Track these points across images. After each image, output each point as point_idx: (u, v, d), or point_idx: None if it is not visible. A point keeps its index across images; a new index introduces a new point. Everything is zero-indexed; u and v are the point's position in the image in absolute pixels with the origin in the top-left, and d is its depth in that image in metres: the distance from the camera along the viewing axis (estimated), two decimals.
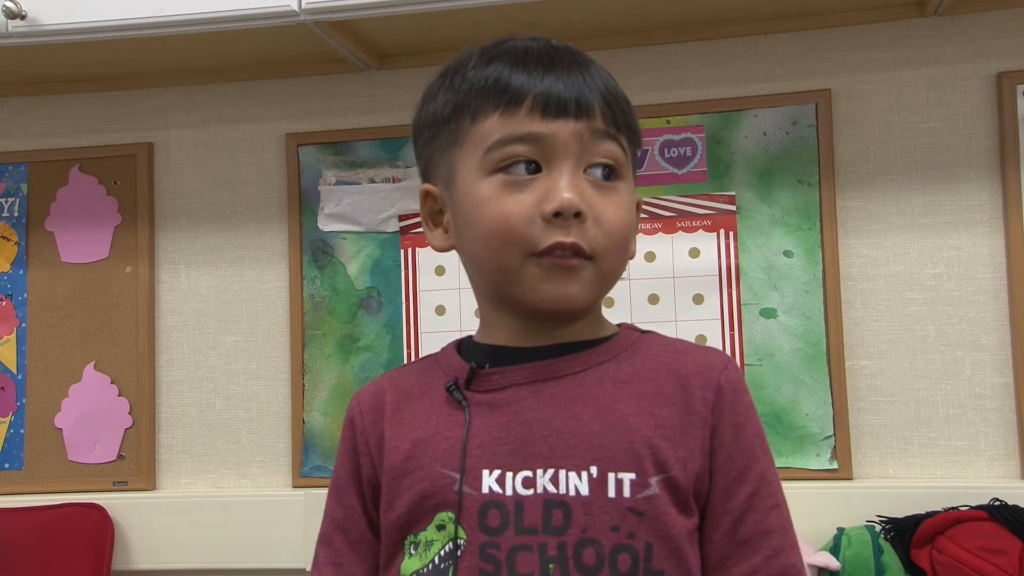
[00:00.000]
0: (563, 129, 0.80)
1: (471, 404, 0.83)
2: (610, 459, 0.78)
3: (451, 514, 0.79)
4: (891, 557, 1.40)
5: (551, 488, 0.78)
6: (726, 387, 0.82)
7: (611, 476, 0.78)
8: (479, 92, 0.82)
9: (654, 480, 0.78)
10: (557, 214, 0.78)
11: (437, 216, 0.87)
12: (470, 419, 0.82)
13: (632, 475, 0.78)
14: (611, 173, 0.82)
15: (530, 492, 0.78)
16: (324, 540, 0.89)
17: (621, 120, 0.83)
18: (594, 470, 0.78)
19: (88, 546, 1.66)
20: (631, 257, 0.86)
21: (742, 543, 0.80)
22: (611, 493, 0.77)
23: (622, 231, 0.82)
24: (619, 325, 0.89)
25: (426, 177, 0.89)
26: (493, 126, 0.81)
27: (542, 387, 0.82)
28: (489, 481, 0.79)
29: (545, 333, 0.84)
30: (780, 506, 0.82)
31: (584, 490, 0.78)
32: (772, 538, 0.80)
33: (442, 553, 0.79)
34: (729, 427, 0.81)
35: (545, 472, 0.79)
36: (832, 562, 1.39)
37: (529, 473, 0.79)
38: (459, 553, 0.78)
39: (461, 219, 0.83)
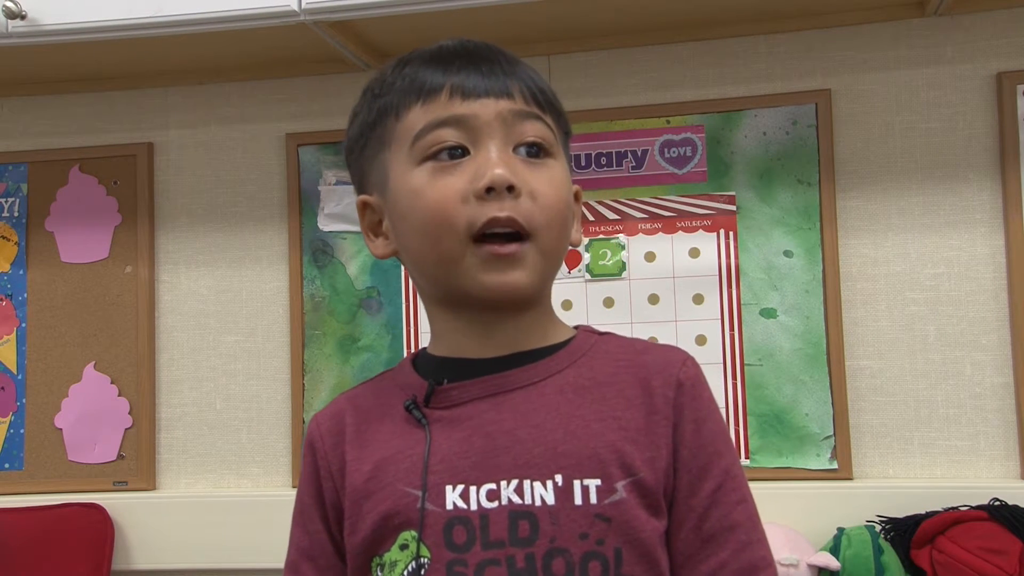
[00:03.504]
0: (485, 109, 0.79)
1: (431, 421, 0.81)
2: (575, 466, 0.77)
3: (414, 532, 0.77)
4: (891, 557, 1.40)
5: (516, 499, 0.76)
6: (685, 383, 0.81)
7: (576, 483, 0.76)
8: (399, 92, 0.82)
9: (620, 485, 0.76)
10: (490, 189, 0.77)
11: (376, 227, 0.86)
12: (430, 436, 0.80)
13: (597, 481, 0.76)
14: (540, 151, 0.81)
15: (495, 504, 0.76)
16: (291, 568, 0.88)
17: (544, 101, 0.83)
18: (559, 478, 0.76)
19: (88, 546, 1.66)
20: (575, 245, 0.85)
21: (708, 539, 0.78)
22: (577, 500, 0.76)
23: (558, 206, 0.81)
24: (575, 327, 0.88)
25: (361, 189, 0.88)
26: (416, 117, 0.80)
27: (502, 399, 0.81)
28: (453, 497, 0.77)
29: (499, 338, 0.83)
30: (746, 500, 0.80)
31: (550, 499, 0.76)
32: (738, 532, 0.78)
33: (405, 573, 0.77)
34: (690, 422, 0.80)
35: (509, 483, 0.77)
36: (832, 562, 1.39)
37: (493, 485, 0.77)
38: (422, 572, 0.76)
39: (397, 216, 0.82)
